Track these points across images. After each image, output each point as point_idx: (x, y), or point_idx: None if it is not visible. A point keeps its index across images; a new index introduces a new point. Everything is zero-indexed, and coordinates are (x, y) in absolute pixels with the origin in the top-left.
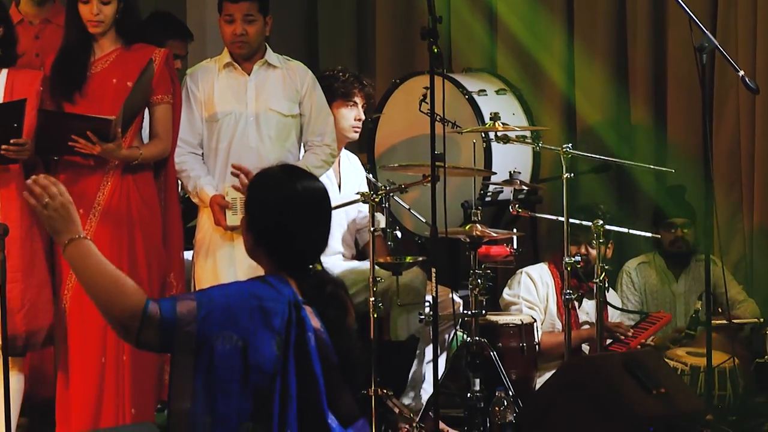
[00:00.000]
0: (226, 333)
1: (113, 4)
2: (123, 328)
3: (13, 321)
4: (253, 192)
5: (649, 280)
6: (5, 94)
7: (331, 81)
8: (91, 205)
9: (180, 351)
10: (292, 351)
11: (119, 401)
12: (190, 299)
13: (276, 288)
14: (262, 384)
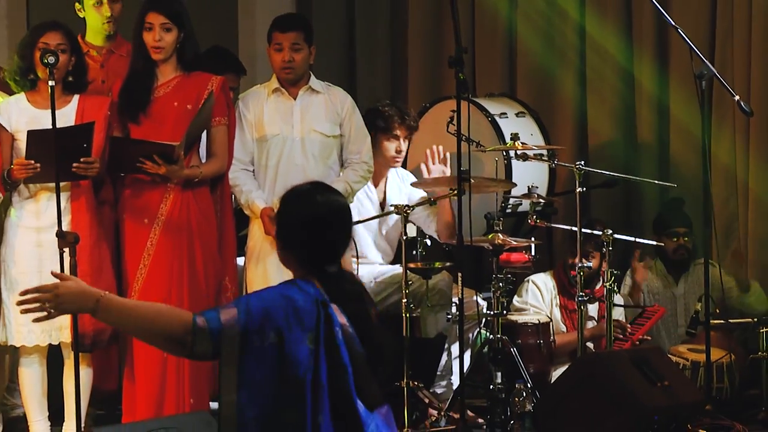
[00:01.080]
0: (265, 332)
1: (174, 32)
2: (179, 345)
3: (82, 321)
4: (282, 205)
5: (650, 284)
6: (76, 118)
7: (375, 114)
8: (154, 216)
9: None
10: (322, 344)
11: (179, 392)
12: (231, 307)
13: (304, 290)
14: (297, 375)
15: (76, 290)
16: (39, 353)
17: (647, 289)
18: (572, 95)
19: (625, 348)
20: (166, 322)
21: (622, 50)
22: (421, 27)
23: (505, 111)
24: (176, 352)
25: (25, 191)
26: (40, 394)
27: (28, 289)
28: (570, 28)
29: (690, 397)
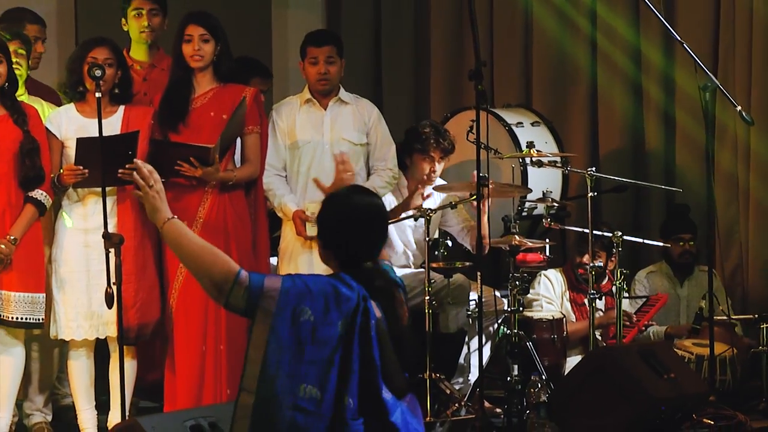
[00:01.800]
0: (303, 307)
1: (212, 43)
2: (216, 289)
3: (127, 316)
4: (324, 207)
5: (656, 286)
6: (122, 127)
7: (414, 135)
8: (193, 218)
9: (261, 315)
10: (357, 334)
11: (217, 383)
12: (277, 277)
13: (348, 283)
14: (324, 355)
15: (165, 202)
16: (87, 347)
17: (653, 292)
18: (584, 106)
19: (633, 334)
20: (214, 262)
21: (630, 64)
22: (442, 42)
23: (522, 121)
24: (214, 296)
25: (73, 195)
26: (87, 385)
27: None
28: (582, 43)
29: (694, 389)
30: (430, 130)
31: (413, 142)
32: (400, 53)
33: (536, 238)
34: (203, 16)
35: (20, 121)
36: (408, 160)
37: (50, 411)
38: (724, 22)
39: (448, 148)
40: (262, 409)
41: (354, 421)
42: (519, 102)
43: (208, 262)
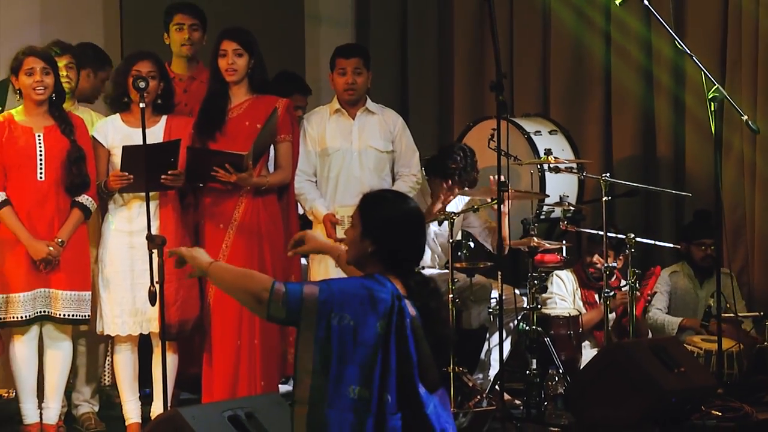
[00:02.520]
0: (342, 313)
1: (245, 57)
2: (257, 303)
3: (168, 313)
4: (372, 210)
5: (678, 284)
6: (164, 135)
7: (442, 164)
8: (229, 221)
9: (303, 325)
10: (393, 332)
11: (251, 376)
12: (315, 285)
13: (382, 283)
14: (366, 356)
15: (196, 258)
16: (131, 342)
17: (675, 290)
18: (599, 116)
19: (641, 306)
20: (251, 282)
21: (643, 75)
22: (465, 55)
23: (540, 129)
24: (258, 312)
25: (119, 199)
26: (131, 378)
27: (175, 250)
28: (597, 58)
29: (703, 382)
30: (458, 165)
31: (441, 169)
32: (425, 65)
33: (553, 240)
34: (237, 32)
35: (67, 131)
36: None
37: (97, 402)
38: (731, 36)
39: (472, 182)
40: (317, 416)
41: (392, 416)
42: (537, 112)
43: (247, 284)
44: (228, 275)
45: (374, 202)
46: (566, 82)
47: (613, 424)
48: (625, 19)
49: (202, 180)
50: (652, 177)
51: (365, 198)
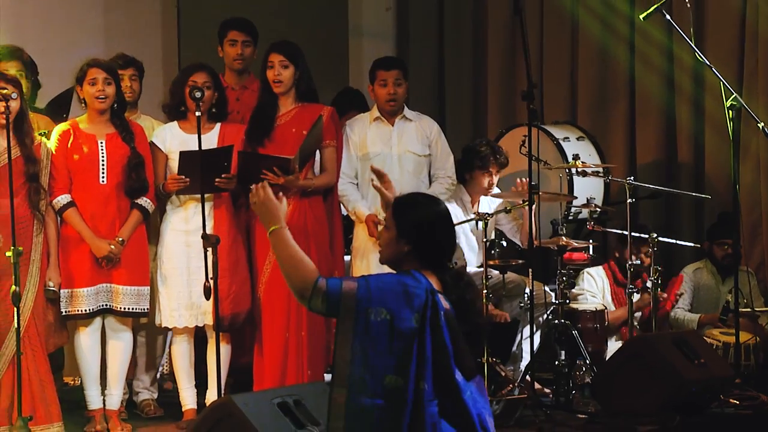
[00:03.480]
0: (379, 308)
1: (291, 69)
2: (299, 294)
3: (222, 306)
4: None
5: (701, 280)
6: (218, 141)
7: (473, 153)
8: None
9: (342, 318)
10: (428, 325)
11: (299, 366)
12: (353, 281)
13: (417, 279)
14: (402, 347)
15: (273, 212)
16: (187, 333)
17: (698, 285)
18: (624, 123)
19: (668, 307)
20: (299, 268)
21: (665, 85)
22: (498, 66)
23: (568, 136)
24: (299, 299)
25: (176, 201)
26: (188, 367)
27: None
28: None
29: (722, 373)
30: (486, 148)
31: (473, 159)
32: (461, 76)
33: (581, 239)
34: (283, 45)
35: (128, 138)
36: (468, 175)
37: (156, 389)
38: (748, 48)
39: (504, 162)
40: (355, 403)
41: (430, 403)
42: (566, 119)
43: (292, 270)
44: (283, 251)
45: (407, 205)
46: (593, 92)
47: (637, 411)
48: (649, 31)
49: (252, 182)
50: (673, 180)
51: (398, 201)
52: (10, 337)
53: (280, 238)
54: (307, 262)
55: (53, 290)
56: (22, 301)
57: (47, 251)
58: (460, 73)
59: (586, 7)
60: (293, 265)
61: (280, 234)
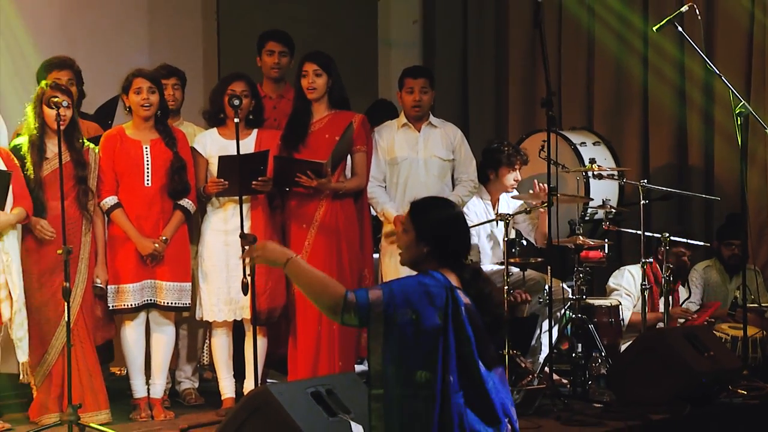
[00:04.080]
0: (405, 310)
1: (324, 77)
2: (331, 311)
3: (258, 301)
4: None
5: (710, 278)
6: (255, 147)
7: (498, 151)
8: (311, 221)
9: (373, 325)
10: (450, 320)
11: (331, 357)
12: (378, 289)
13: (436, 278)
14: (429, 343)
15: (279, 247)
16: (226, 327)
17: (707, 282)
18: (637, 129)
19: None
20: (325, 288)
21: (677, 92)
22: (519, 75)
23: (585, 141)
24: (329, 315)
25: (216, 203)
26: (227, 358)
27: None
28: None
29: (730, 365)
30: (508, 147)
31: (499, 157)
32: (483, 84)
33: (597, 239)
34: (316, 55)
35: (170, 143)
36: (492, 174)
37: (197, 379)
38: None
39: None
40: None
41: (456, 394)
42: (583, 125)
43: (319, 291)
44: (304, 277)
45: (425, 209)
46: (608, 99)
47: (650, 401)
48: (662, 44)
49: (287, 185)
50: (684, 183)
51: (415, 206)
52: (61, 330)
53: (294, 268)
54: (329, 281)
55: (101, 286)
56: (72, 297)
57: (95, 250)
58: (483, 82)
59: (601, 21)
60: (317, 287)
61: (293, 265)
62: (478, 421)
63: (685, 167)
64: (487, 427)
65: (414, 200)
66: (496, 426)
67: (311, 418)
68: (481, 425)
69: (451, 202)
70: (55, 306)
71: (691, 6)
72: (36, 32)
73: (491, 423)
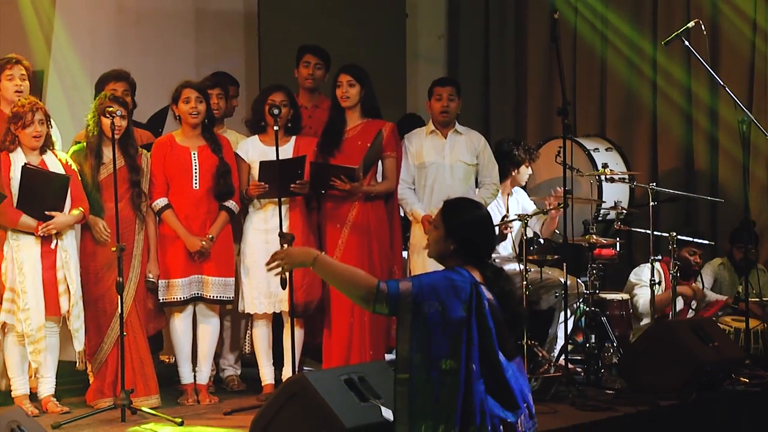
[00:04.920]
0: (432, 302)
1: (357, 87)
2: (363, 301)
3: (296, 295)
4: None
5: (722, 274)
6: (293, 152)
7: (517, 150)
8: (344, 221)
9: (402, 314)
10: (474, 313)
11: (362, 347)
12: (408, 281)
13: (462, 274)
14: (454, 333)
15: (301, 249)
16: (266, 318)
17: (718, 277)
18: (647, 135)
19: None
20: (357, 280)
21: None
22: (537, 86)
23: (598, 147)
24: (362, 305)
25: (257, 204)
26: (267, 347)
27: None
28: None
29: (734, 354)
30: (514, 145)
31: (521, 155)
32: (504, 95)
33: (609, 237)
34: (350, 67)
35: (216, 149)
36: (515, 171)
37: (239, 366)
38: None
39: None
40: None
41: (478, 382)
42: (596, 132)
43: (351, 283)
44: (334, 272)
45: (455, 208)
46: (620, 108)
47: (658, 388)
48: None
49: (323, 188)
50: (691, 186)
51: (446, 205)
52: (115, 321)
53: (322, 264)
54: (359, 273)
55: (152, 281)
56: (125, 290)
57: (147, 247)
58: (504, 92)
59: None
60: (350, 280)
61: (320, 262)
62: (498, 406)
63: (691, 171)
64: (506, 413)
65: (447, 199)
66: (514, 411)
67: (344, 403)
68: (500, 410)
69: (480, 205)
70: (110, 299)
71: (697, 22)
72: (92, 47)
73: (510, 409)
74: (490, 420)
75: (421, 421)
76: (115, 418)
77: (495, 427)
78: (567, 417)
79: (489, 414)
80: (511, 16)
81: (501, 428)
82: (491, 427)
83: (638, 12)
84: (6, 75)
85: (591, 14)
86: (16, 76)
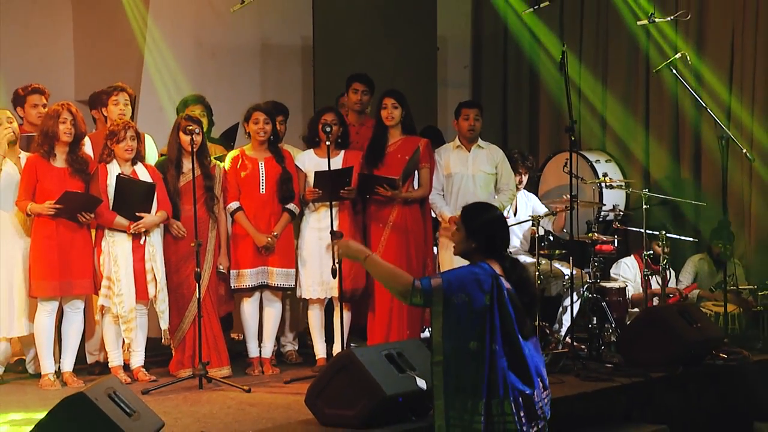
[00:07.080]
0: (460, 294)
1: (399, 109)
2: (401, 295)
3: (344, 283)
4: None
5: (702, 268)
6: (342, 164)
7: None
8: (386, 222)
9: (435, 306)
10: (495, 301)
11: (400, 327)
12: (438, 278)
13: (484, 269)
14: (479, 320)
15: (358, 246)
16: (319, 303)
17: (699, 271)
18: (641, 149)
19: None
20: (397, 278)
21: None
22: (547, 107)
23: (599, 158)
24: (400, 299)
25: (312, 206)
26: (320, 327)
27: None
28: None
29: (714, 334)
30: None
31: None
32: (519, 115)
33: (608, 235)
34: (394, 92)
35: (280, 160)
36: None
37: (297, 343)
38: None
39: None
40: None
41: (501, 359)
42: (597, 146)
43: (392, 280)
44: (379, 270)
45: (472, 213)
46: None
47: (650, 363)
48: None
49: (368, 194)
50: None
51: (465, 210)
52: (193, 304)
53: (372, 263)
54: (400, 272)
55: (223, 271)
56: (201, 279)
57: (219, 243)
58: (519, 113)
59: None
60: (391, 278)
61: (370, 260)
62: (518, 380)
63: (679, 180)
64: (524, 386)
65: (465, 205)
66: (531, 384)
67: (385, 374)
68: (520, 384)
69: (494, 207)
70: (188, 286)
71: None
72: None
73: (527, 382)
74: (511, 392)
75: (454, 395)
76: (194, 385)
77: (516, 399)
78: (573, 386)
79: (511, 387)
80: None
81: (520, 399)
82: (512, 398)
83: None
84: (113, 100)
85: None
86: (120, 102)
